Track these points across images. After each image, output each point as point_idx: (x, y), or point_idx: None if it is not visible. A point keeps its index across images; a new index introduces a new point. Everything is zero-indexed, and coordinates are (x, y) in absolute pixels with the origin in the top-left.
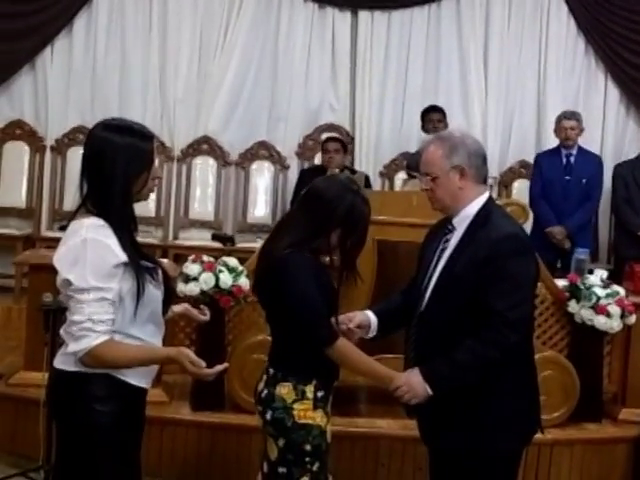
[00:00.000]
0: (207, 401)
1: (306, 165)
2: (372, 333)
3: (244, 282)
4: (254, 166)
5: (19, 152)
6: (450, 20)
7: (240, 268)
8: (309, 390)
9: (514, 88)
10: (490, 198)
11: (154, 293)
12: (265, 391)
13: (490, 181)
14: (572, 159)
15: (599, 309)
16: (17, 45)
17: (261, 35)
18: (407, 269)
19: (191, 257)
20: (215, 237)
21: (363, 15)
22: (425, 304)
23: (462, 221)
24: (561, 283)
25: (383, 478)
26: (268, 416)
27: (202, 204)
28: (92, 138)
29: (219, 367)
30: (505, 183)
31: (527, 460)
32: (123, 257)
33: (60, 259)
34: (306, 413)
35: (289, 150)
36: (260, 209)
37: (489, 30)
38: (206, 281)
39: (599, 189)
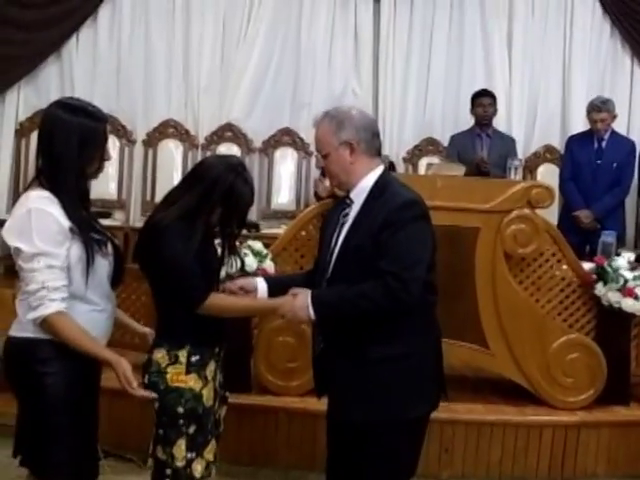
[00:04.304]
0: (234, 383)
1: None
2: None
3: (269, 265)
4: (278, 153)
5: None
6: (473, 4)
7: (265, 252)
8: (182, 355)
9: (539, 72)
10: (386, 170)
11: (100, 261)
12: (146, 357)
13: (516, 163)
14: (604, 143)
15: (627, 292)
16: (43, 35)
17: (284, 21)
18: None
19: (217, 241)
20: None
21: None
22: (328, 279)
23: (359, 194)
24: (588, 266)
25: None
26: (145, 380)
27: None
28: (46, 116)
29: (148, 394)
30: (530, 168)
31: (554, 442)
32: (66, 224)
33: (8, 230)
34: (178, 377)
35: (312, 137)
36: (284, 196)
37: (513, 13)
38: (232, 265)
39: (630, 174)
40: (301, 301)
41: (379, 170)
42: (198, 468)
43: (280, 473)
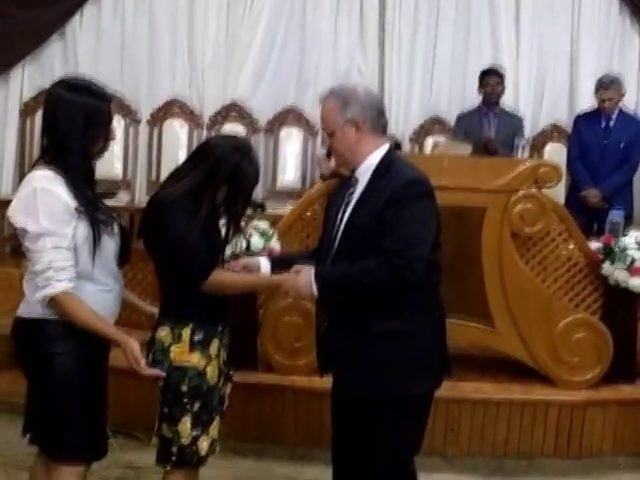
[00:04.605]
0: (240, 362)
1: None
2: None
3: (275, 245)
4: (283, 132)
5: None
6: None
7: (271, 231)
8: (185, 333)
9: (546, 50)
10: (391, 149)
11: (107, 241)
12: (150, 335)
13: (523, 142)
14: (612, 122)
15: (634, 271)
16: (46, 13)
17: None
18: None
19: (222, 222)
20: None
21: None
22: (332, 257)
23: (364, 172)
24: (595, 245)
25: None
26: (149, 358)
27: None
28: (50, 96)
29: (157, 373)
30: (537, 146)
31: (560, 420)
32: (72, 203)
33: (13, 210)
34: (182, 355)
35: (318, 115)
36: (289, 175)
37: None
38: (237, 244)
39: (638, 153)
40: (304, 277)
41: (384, 148)
42: (204, 445)
43: (287, 450)
